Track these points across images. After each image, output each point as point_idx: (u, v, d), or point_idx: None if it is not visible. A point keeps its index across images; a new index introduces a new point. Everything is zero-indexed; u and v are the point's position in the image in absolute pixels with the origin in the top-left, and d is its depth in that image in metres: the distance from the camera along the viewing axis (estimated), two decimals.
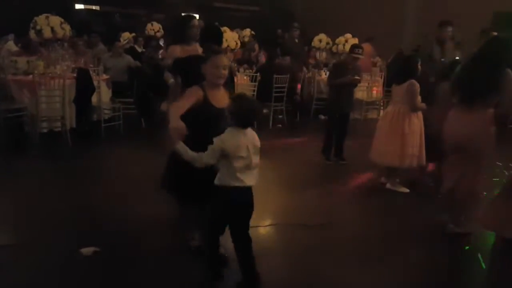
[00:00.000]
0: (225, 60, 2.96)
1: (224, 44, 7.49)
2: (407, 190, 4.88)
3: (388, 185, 4.97)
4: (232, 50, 8.57)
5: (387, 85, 7.89)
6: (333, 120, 5.87)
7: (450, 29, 5.58)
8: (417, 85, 4.62)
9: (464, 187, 3.77)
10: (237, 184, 2.63)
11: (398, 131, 4.68)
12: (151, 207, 4.03)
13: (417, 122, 4.70)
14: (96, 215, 3.89)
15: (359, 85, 8.37)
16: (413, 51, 5.50)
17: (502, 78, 3.53)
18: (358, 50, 5.63)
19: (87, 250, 3.18)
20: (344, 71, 5.63)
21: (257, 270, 2.82)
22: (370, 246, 3.64)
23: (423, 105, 4.69)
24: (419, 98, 4.67)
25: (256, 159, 2.68)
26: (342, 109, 5.77)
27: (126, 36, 9.80)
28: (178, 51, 4.10)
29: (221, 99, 2.90)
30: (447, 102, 4.05)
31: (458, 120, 3.75)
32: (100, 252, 3.19)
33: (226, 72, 2.92)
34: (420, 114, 4.74)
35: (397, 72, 4.96)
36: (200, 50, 4.16)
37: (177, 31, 4.24)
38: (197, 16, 6.72)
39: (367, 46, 8.09)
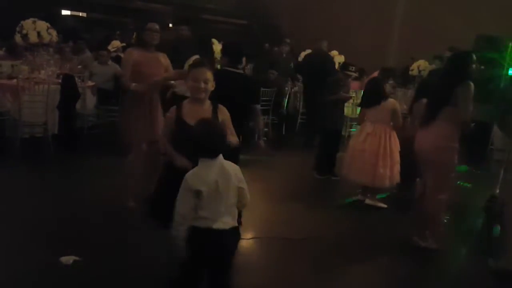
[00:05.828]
0: (206, 73, 2.71)
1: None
2: (385, 206, 4.98)
3: (367, 201, 5.03)
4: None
5: None
6: (326, 136, 5.92)
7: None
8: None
9: (427, 202, 3.86)
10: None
11: (374, 151, 4.76)
12: (134, 216, 3.99)
13: (393, 141, 4.81)
14: (77, 223, 3.83)
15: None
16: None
17: (461, 89, 3.57)
18: (351, 68, 5.75)
19: (66, 259, 3.12)
20: (337, 88, 5.71)
21: None
22: (348, 259, 3.73)
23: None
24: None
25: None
26: (335, 125, 5.83)
27: (115, 44, 9.73)
28: (135, 55, 4.06)
29: (202, 115, 2.58)
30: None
31: (422, 134, 3.86)
32: (80, 261, 3.13)
33: (208, 85, 2.71)
34: (394, 133, 4.84)
35: (370, 95, 4.97)
36: (162, 59, 4.11)
37: (136, 35, 4.23)
38: (185, 27, 6.70)
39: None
